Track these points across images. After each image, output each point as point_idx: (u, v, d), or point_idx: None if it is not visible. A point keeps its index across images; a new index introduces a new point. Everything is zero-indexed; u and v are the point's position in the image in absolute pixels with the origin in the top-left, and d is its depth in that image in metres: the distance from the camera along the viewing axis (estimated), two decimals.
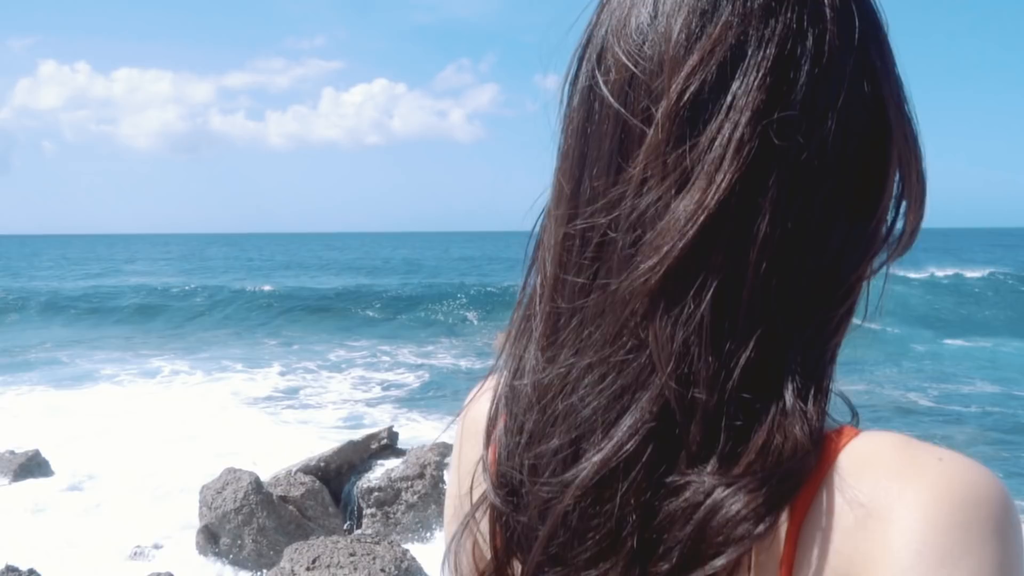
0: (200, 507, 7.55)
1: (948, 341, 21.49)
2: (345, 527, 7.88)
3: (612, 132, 0.67)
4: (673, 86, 0.63)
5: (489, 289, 28.85)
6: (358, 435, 9.24)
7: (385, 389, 15.50)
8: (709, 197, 0.62)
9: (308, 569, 6.18)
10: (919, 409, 13.51)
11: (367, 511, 7.95)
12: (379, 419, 12.37)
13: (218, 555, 7.33)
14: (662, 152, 0.63)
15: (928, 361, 18.37)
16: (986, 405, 13.53)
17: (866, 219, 0.66)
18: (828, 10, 0.65)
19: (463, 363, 18.86)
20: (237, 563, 7.28)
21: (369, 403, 14.10)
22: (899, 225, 0.69)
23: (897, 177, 0.68)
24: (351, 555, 6.27)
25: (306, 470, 8.24)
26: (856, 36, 0.65)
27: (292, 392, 14.92)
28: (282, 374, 16.74)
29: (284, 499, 7.71)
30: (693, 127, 0.63)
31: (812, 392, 0.63)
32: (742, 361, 0.62)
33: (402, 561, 6.29)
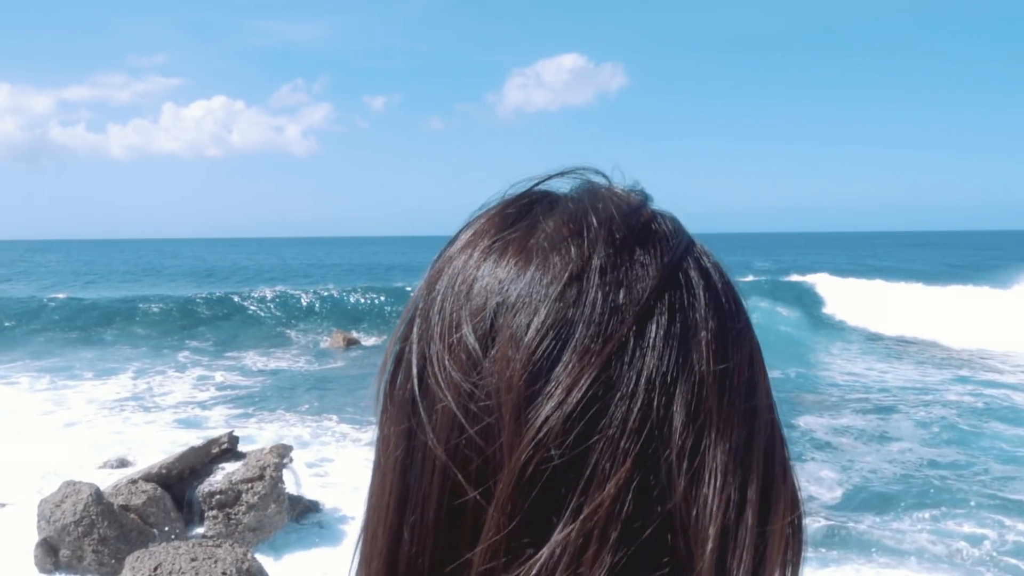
0: (38, 521, 6.86)
1: None
2: (187, 531, 7.39)
3: (439, 494, 0.48)
4: (515, 458, 0.45)
5: (323, 293, 28.06)
6: (199, 440, 8.73)
7: (222, 391, 14.73)
8: None
9: None
10: None
11: (209, 514, 7.49)
12: (219, 422, 11.74)
13: (57, 567, 6.69)
14: (506, 540, 0.45)
15: None
16: None
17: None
18: (704, 347, 0.48)
19: (300, 365, 18.21)
20: (78, 574, 6.67)
21: (209, 407, 13.30)
22: None
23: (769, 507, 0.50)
24: (192, 560, 5.88)
25: (148, 478, 7.67)
26: (732, 371, 0.49)
27: (134, 397, 13.89)
28: (123, 380, 15.55)
29: (126, 508, 7.13)
30: (544, 509, 0.45)
31: None
32: None
33: (243, 562, 5.96)
